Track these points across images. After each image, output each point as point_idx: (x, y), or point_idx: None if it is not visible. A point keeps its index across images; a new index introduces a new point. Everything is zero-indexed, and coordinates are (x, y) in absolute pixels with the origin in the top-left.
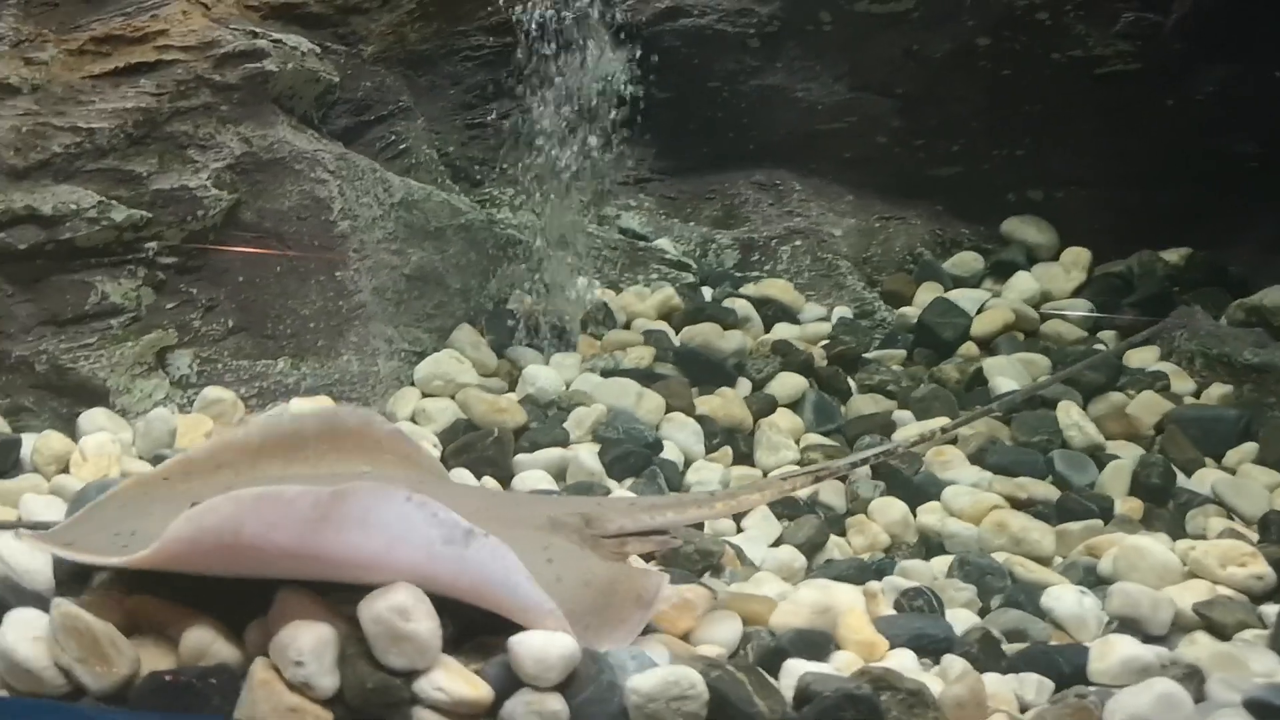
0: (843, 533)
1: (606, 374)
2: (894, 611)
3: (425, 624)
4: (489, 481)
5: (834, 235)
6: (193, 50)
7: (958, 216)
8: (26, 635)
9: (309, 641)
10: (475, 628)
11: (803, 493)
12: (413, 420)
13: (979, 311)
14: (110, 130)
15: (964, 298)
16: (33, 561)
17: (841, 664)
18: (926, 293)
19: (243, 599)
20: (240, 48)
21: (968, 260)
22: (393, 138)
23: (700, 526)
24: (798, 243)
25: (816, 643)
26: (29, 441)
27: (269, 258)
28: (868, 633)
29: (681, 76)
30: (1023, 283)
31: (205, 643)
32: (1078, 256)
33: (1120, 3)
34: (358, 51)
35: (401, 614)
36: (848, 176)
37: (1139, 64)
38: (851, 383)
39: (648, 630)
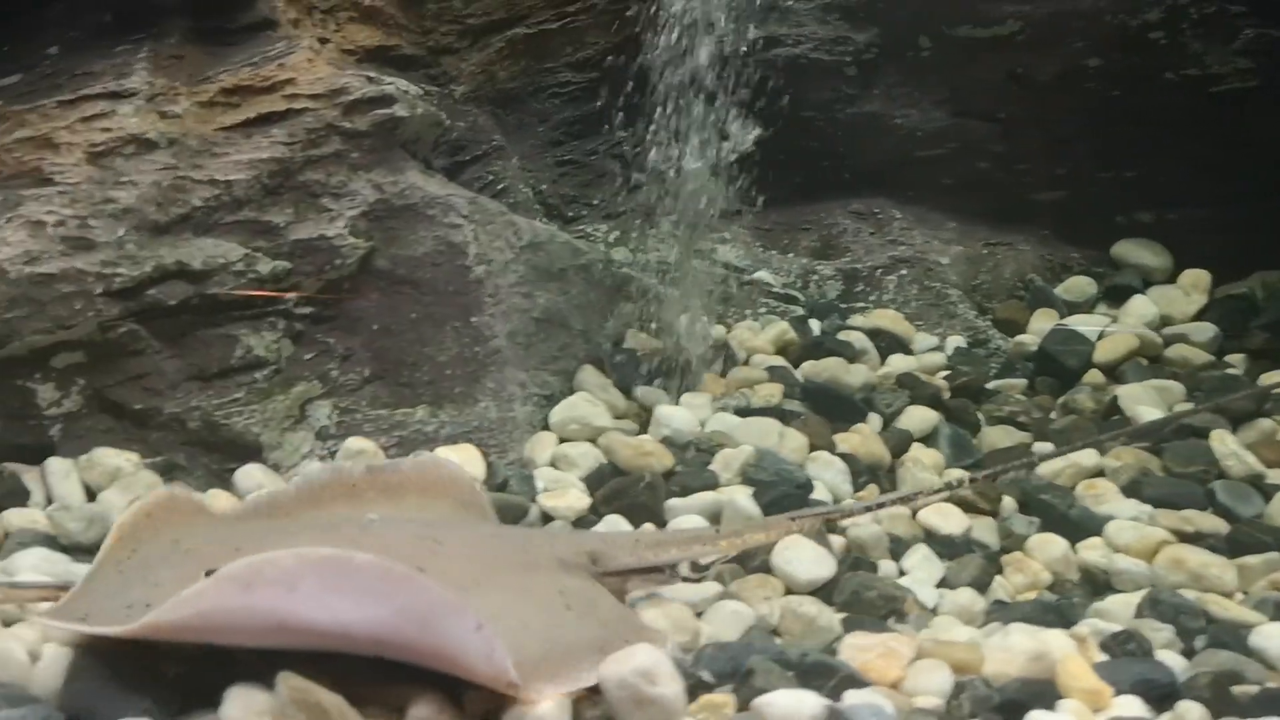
0: (999, 571)
1: (742, 413)
2: (1104, 656)
3: (671, 687)
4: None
5: (941, 263)
6: (321, 98)
7: (1066, 241)
8: (251, 710)
9: (552, 712)
10: None
11: (956, 530)
12: (553, 465)
13: (1100, 338)
14: (246, 182)
15: (1082, 324)
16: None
17: (1071, 714)
18: (1041, 320)
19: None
20: (369, 94)
21: (1080, 285)
22: (490, 177)
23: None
24: (903, 272)
25: (1042, 692)
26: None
27: (403, 305)
28: (1090, 680)
29: (773, 107)
30: (1141, 307)
31: (432, 714)
32: (1197, 279)
33: (1241, 20)
34: (449, 92)
35: (648, 678)
36: (949, 203)
37: (1258, 80)
38: (979, 414)
39: (859, 683)
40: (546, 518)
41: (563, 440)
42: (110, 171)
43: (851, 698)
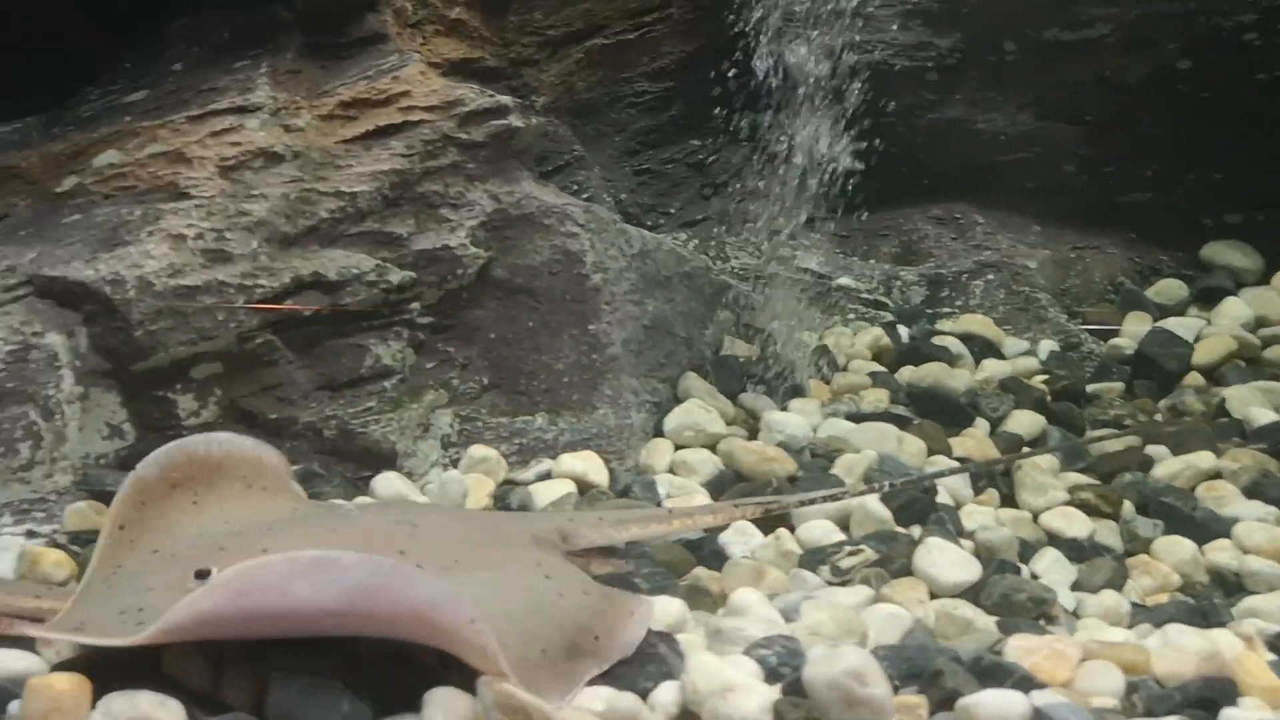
0: (1126, 574)
1: (853, 419)
2: (1271, 655)
3: (881, 688)
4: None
5: (1029, 267)
6: (437, 110)
7: (1154, 243)
8: (454, 714)
9: (752, 708)
10: None
11: (1081, 533)
12: (671, 472)
13: (1196, 340)
14: (369, 193)
15: (1177, 326)
16: None
17: (1259, 711)
18: (1133, 323)
19: None
20: (484, 105)
21: (1171, 288)
22: (574, 187)
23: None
24: (990, 276)
25: (1224, 691)
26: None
27: (520, 314)
28: (1269, 678)
29: (853, 113)
30: (1235, 308)
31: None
32: None
33: None
34: (531, 103)
35: (858, 679)
36: (1033, 207)
37: None
38: (1084, 418)
39: (1034, 684)
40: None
41: (678, 447)
42: (241, 185)
43: (1038, 698)
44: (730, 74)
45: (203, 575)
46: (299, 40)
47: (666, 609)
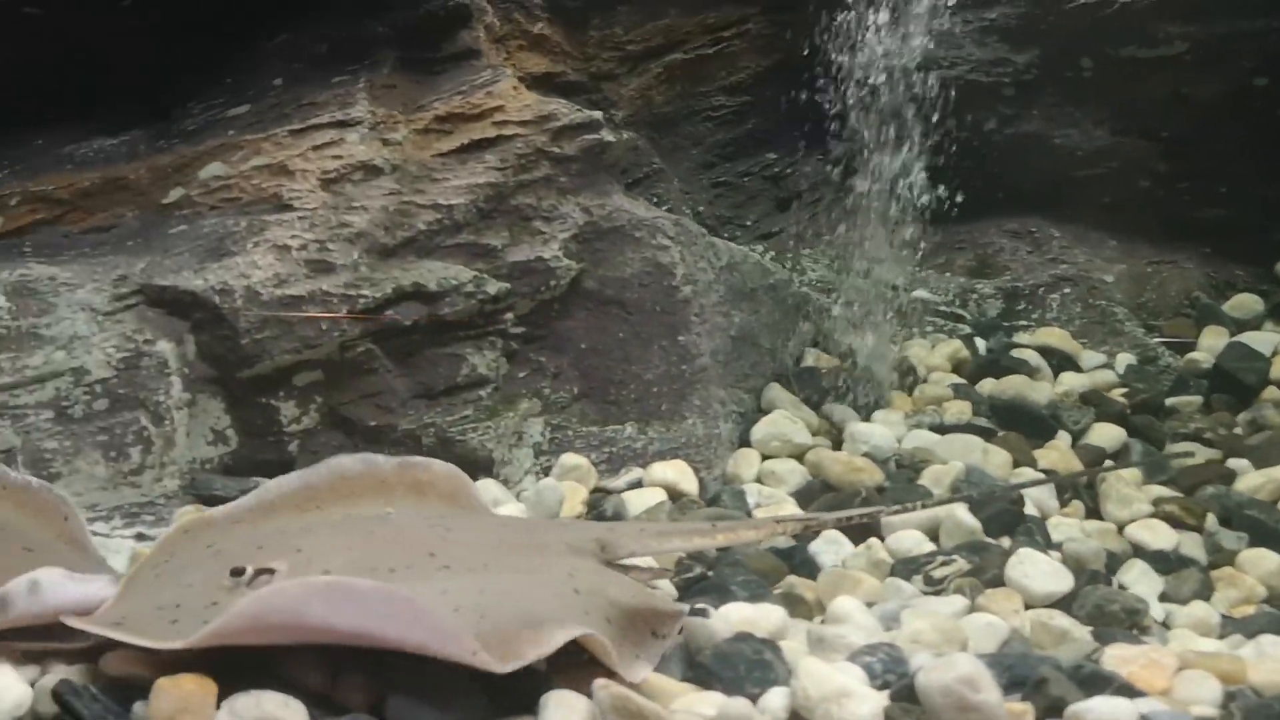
0: (1211, 585)
1: (937, 430)
2: None
3: (993, 694)
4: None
5: (1106, 281)
6: (530, 124)
7: (1229, 259)
8: (571, 716)
9: (865, 714)
10: None
11: (1166, 545)
12: (759, 481)
13: (1274, 354)
14: (465, 206)
15: (1254, 340)
16: None
17: None
18: (1210, 337)
19: None
20: (577, 120)
21: (1248, 303)
22: (654, 200)
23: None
24: (1066, 290)
25: None
26: None
27: (611, 325)
28: None
29: (930, 128)
30: None
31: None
32: None
33: None
34: (610, 116)
35: (971, 685)
36: (1108, 222)
37: None
38: (1164, 431)
39: (1134, 692)
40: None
41: (765, 457)
42: (342, 197)
43: (1143, 706)
44: (807, 88)
45: (238, 573)
46: (394, 56)
47: (768, 616)
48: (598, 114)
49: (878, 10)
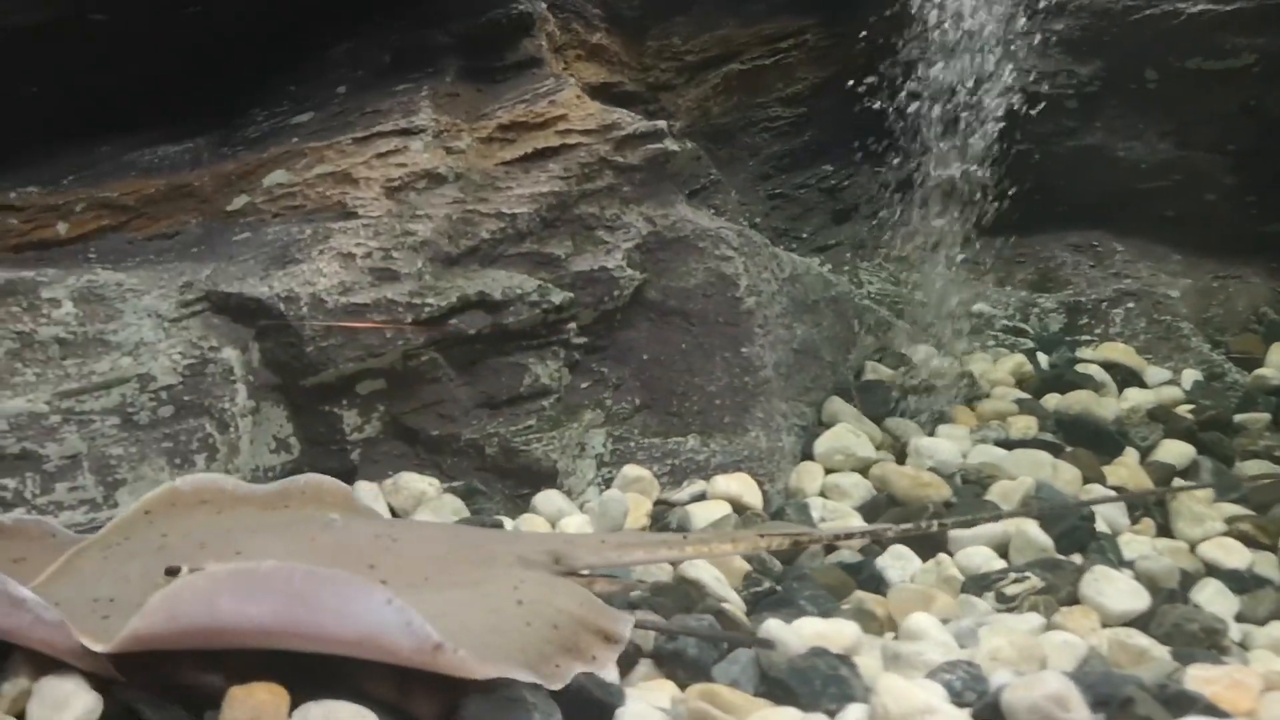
0: None
1: (1004, 445)
2: None
3: (1081, 713)
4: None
5: (1171, 296)
6: (593, 133)
7: None
8: None
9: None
10: None
11: (1240, 564)
12: (823, 495)
13: None
14: (528, 215)
15: None
16: None
17: None
18: (1278, 353)
19: None
20: (640, 129)
21: None
22: (712, 211)
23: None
24: (1130, 305)
25: None
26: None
27: (673, 336)
28: None
29: (989, 141)
30: None
31: None
32: None
33: None
34: (670, 127)
35: (1059, 704)
36: (1172, 235)
37: None
38: (1233, 449)
39: (1218, 713)
40: (829, 547)
41: (828, 470)
42: (406, 205)
43: None
44: (864, 100)
45: (172, 572)
46: (457, 64)
47: (841, 632)
48: (661, 123)
49: (937, 21)
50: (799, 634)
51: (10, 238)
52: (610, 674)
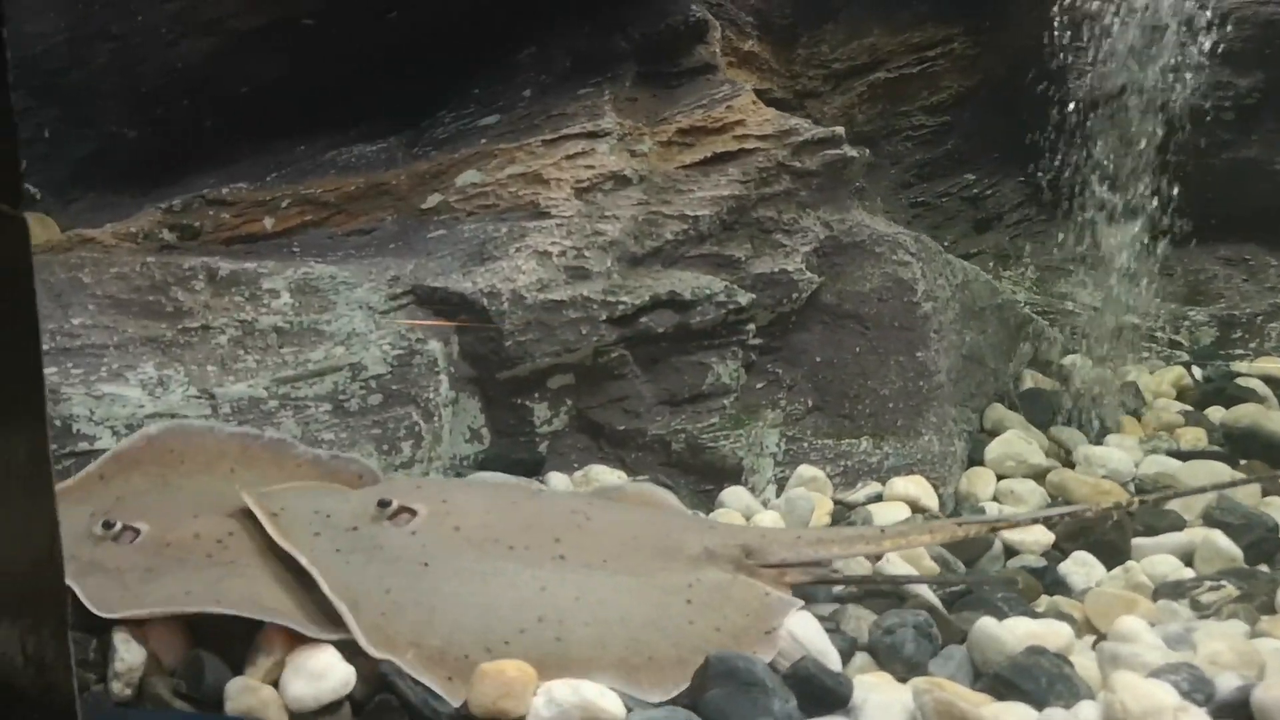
0: None
1: (1176, 456)
2: None
3: None
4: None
5: None
6: (771, 139)
7: None
8: (890, 717)
9: None
10: None
11: None
12: (995, 500)
13: None
14: (709, 217)
15: None
16: None
17: None
18: None
19: None
20: (819, 135)
21: None
22: None
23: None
24: None
25: None
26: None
27: (847, 339)
28: None
29: (1138, 151)
30: None
31: None
32: None
33: None
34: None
35: None
36: None
37: None
38: None
39: None
40: (1010, 552)
41: (1000, 476)
42: (595, 206)
43: None
44: (1010, 109)
45: (384, 504)
46: (634, 69)
47: (1056, 632)
48: (839, 129)
49: (1087, 30)
50: (1012, 633)
51: (222, 231)
52: (834, 664)
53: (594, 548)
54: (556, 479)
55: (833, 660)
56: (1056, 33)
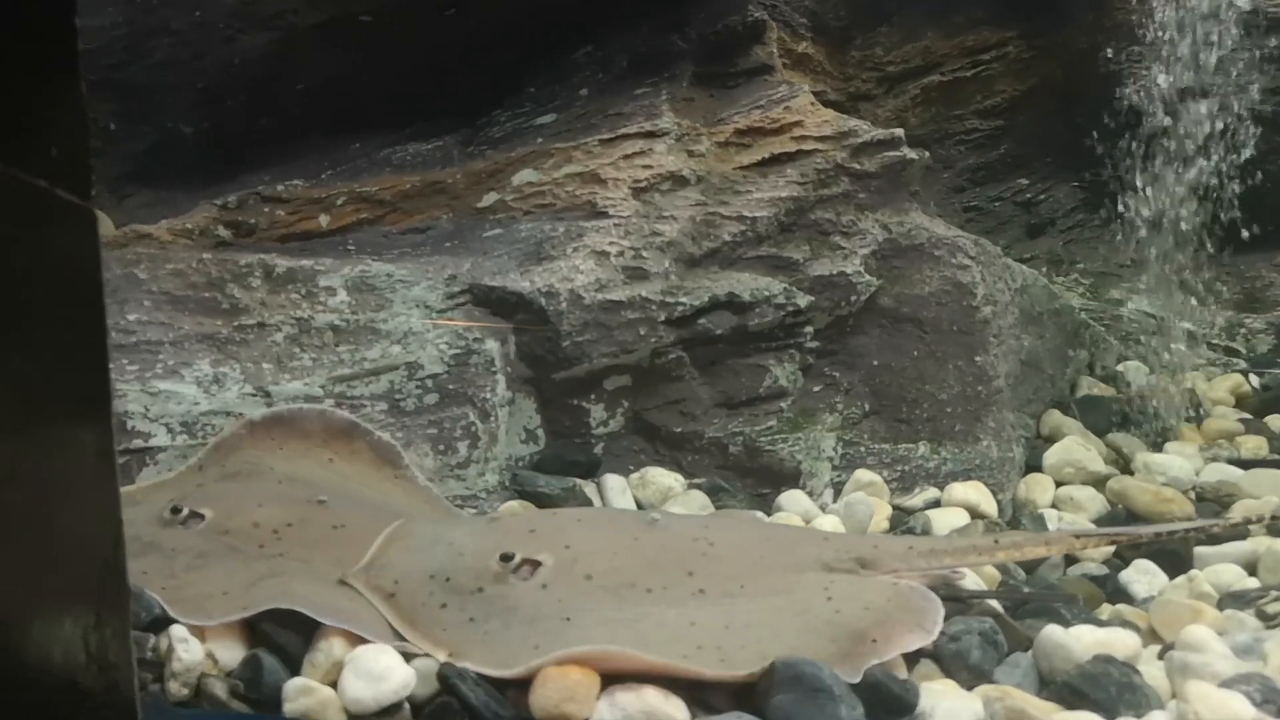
0: None
1: (1238, 464)
2: None
3: None
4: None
5: None
6: (829, 140)
7: None
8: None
9: None
10: None
11: None
12: (1054, 507)
13: None
14: (767, 219)
15: None
16: None
17: None
18: None
19: None
20: (878, 137)
21: None
22: None
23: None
24: None
25: None
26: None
27: (905, 343)
28: None
29: (1193, 157)
30: None
31: None
32: None
33: None
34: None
35: None
36: None
37: None
38: None
39: None
40: (1069, 560)
41: (1058, 483)
42: (652, 206)
43: None
44: (1064, 114)
45: (507, 559)
46: (690, 70)
47: (1124, 640)
48: (899, 131)
49: (1144, 34)
50: (1079, 641)
51: (278, 228)
52: (901, 671)
53: (727, 575)
54: (612, 481)
55: (898, 667)
56: (1114, 36)
